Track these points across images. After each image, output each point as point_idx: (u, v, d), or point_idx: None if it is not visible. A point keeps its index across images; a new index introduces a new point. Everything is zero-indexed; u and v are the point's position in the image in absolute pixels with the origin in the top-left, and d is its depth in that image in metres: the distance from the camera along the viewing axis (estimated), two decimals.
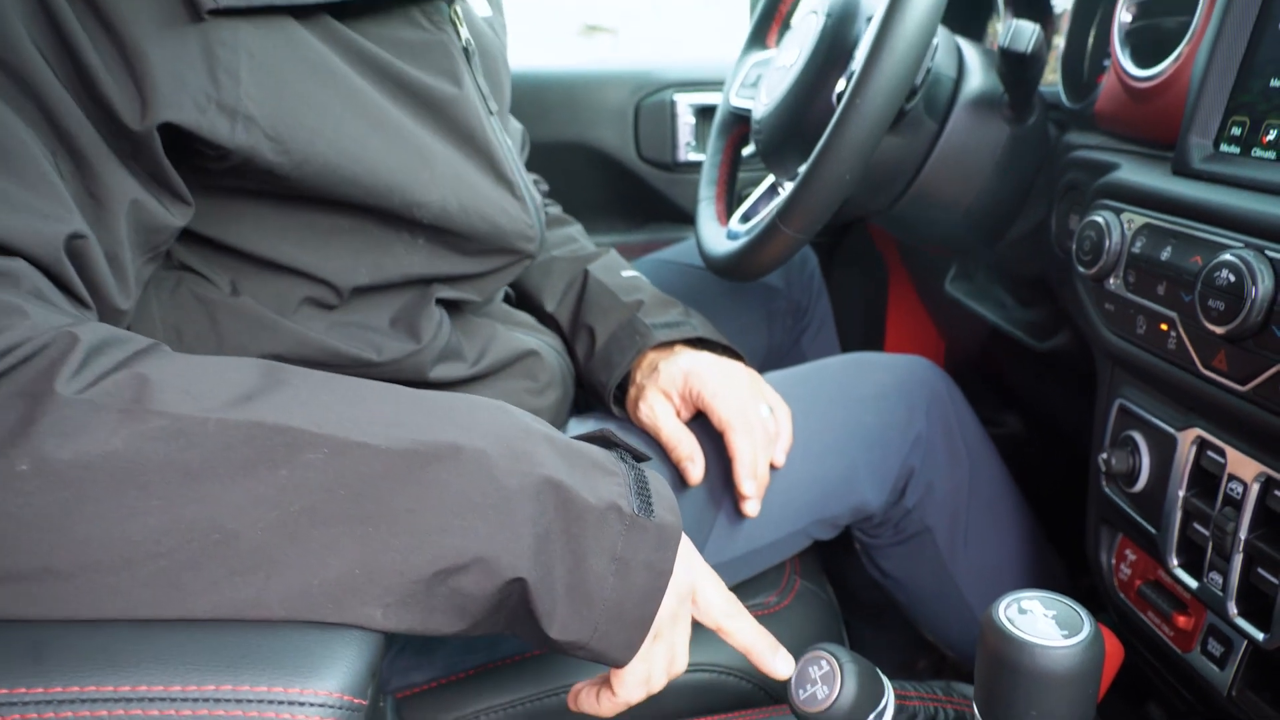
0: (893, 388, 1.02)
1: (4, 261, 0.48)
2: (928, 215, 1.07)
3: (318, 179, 0.65)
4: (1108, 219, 0.79)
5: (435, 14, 0.74)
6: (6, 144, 0.50)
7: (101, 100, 0.54)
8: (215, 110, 0.58)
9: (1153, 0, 0.86)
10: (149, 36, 0.55)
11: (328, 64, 0.65)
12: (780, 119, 1.06)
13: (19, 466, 0.43)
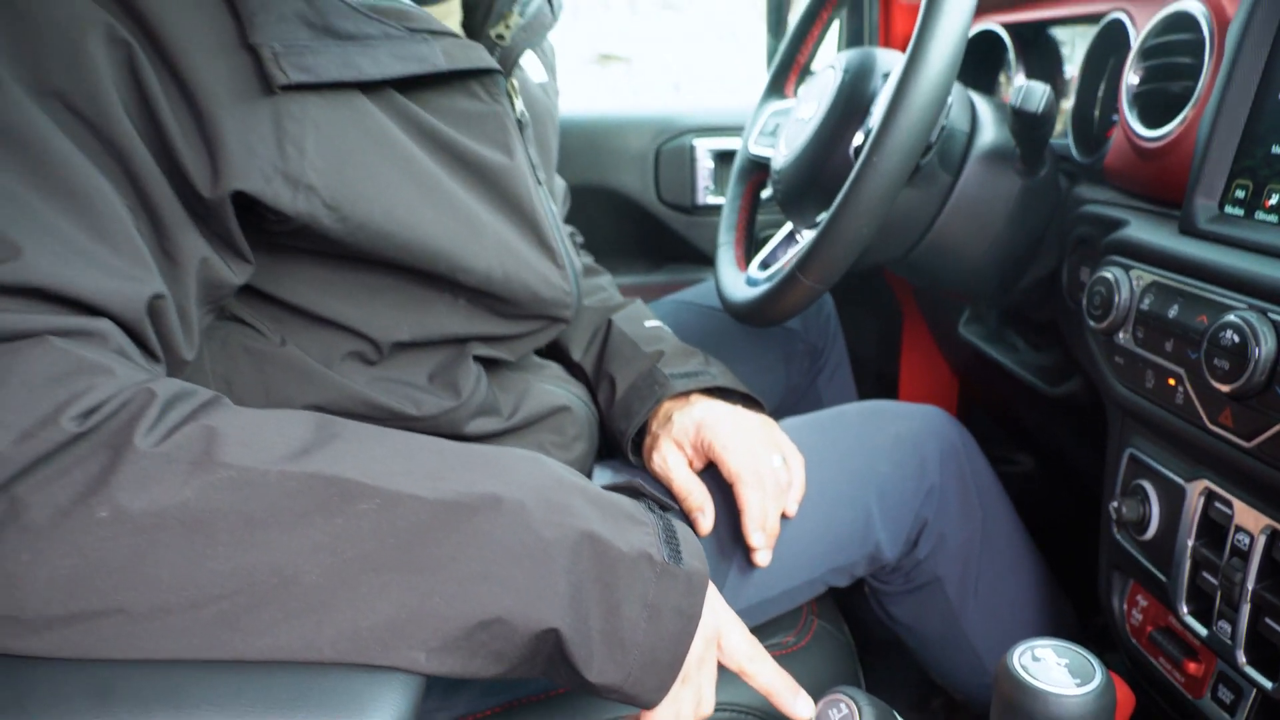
0: (908, 438, 1.02)
1: (93, 322, 0.52)
2: (942, 264, 1.10)
3: (370, 243, 0.69)
4: (1117, 275, 0.82)
5: (493, 86, 0.77)
6: (97, 205, 0.54)
7: (178, 166, 0.58)
8: (280, 180, 0.62)
9: (1159, 65, 0.89)
10: (224, 107, 0.59)
11: (388, 136, 0.69)
12: (799, 170, 1.09)
13: (99, 514, 0.47)
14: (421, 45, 0.69)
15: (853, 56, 1.09)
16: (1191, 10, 0.84)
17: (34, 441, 0.46)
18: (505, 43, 0.81)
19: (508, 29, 0.81)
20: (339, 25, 0.64)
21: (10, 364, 0.48)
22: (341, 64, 0.64)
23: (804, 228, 1.16)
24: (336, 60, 0.63)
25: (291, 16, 0.61)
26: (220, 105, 0.58)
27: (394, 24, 0.67)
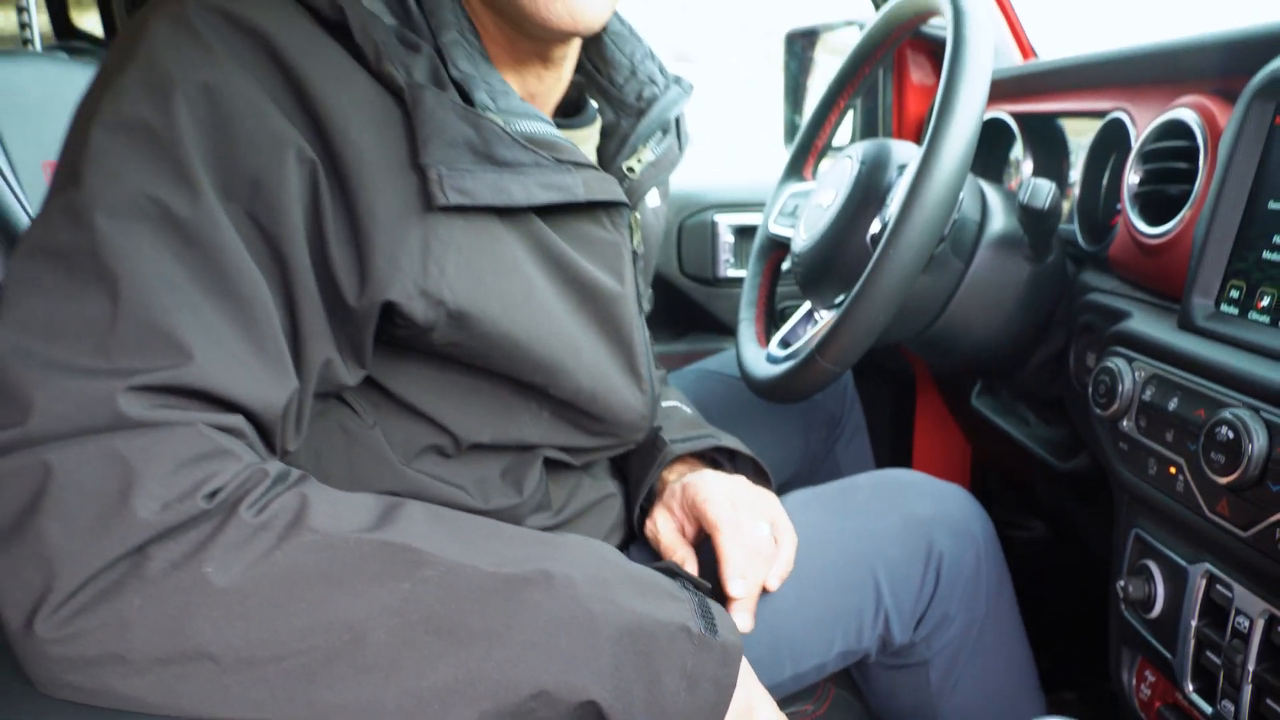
0: (922, 520, 1.01)
1: (231, 418, 0.59)
2: (955, 344, 1.16)
3: (479, 350, 0.74)
4: (1120, 366, 0.87)
5: (618, 217, 0.82)
6: (257, 312, 0.60)
7: (331, 275, 0.64)
8: (418, 294, 0.67)
9: (1157, 168, 0.95)
10: (381, 225, 0.65)
11: (516, 260, 0.74)
12: (818, 255, 1.15)
13: (204, 570, 0.53)
14: (566, 175, 0.74)
15: (869, 148, 1.15)
16: (1185, 119, 0.90)
17: (171, 512, 0.53)
18: (635, 176, 0.85)
19: (639, 163, 0.86)
20: (499, 153, 0.69)
21: (165, 442, 0.54)
22: (494, 189, 0.69)
23: (822, 308, 1.22)
24: (490, 186, 0.69)
25: (460, 142, 0.67)
26: (377, 222, 0.64)
27: (545, 154, 0.72)
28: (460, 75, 0.69)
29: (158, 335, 0.55)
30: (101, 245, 0.55)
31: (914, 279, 0.94)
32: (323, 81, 0.63)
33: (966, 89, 0.92)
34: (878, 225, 1.10)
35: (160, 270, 0.56)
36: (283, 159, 0.61)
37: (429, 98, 0.66)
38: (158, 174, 0.58)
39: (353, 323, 0.67)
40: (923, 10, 1.13)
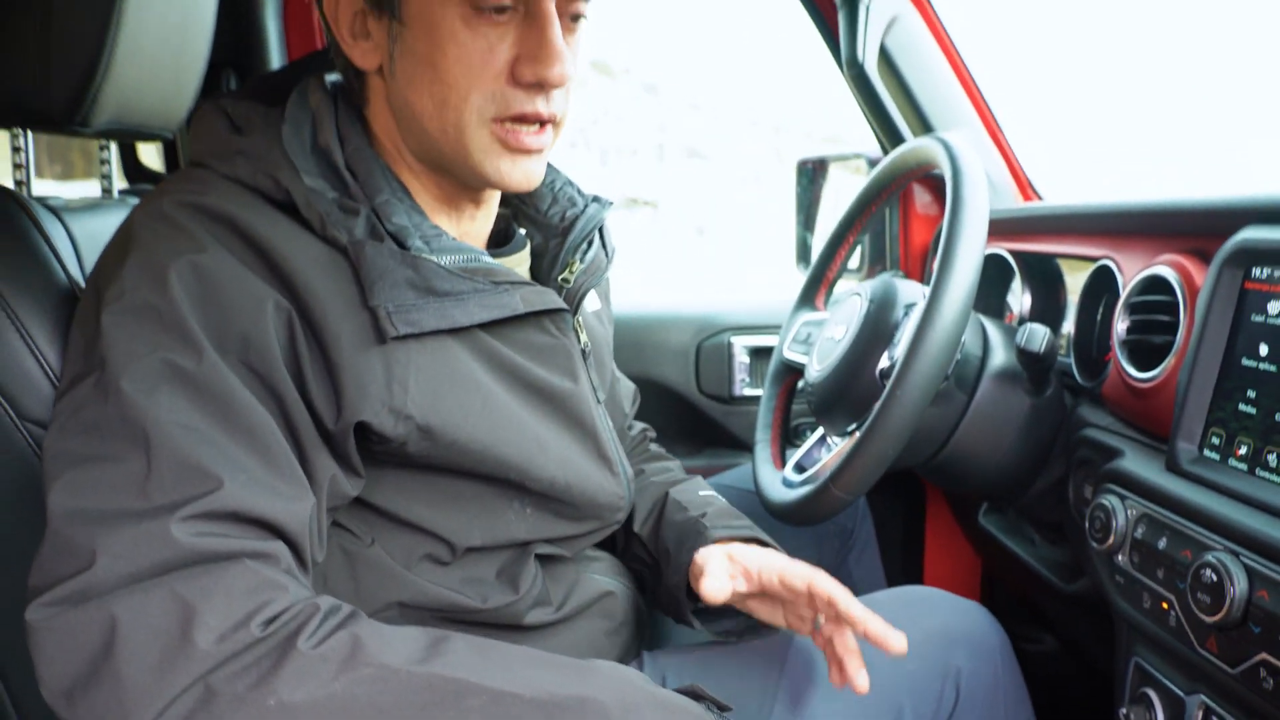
0: (941, 634, 1.04)
1: (272, 544, 0.68)
2: (960, 471, 1.22)
3: (452, 457, 0.83)
4: (1114, 503, 0.94)
5: (561, 323, 0.92)
6: (268, 441, 0.71)
7: (311, 404, 0.75)
8: (387, 412, 0.77)
9: (1142, 319, 1.03)
10: (347, 356, 0.75)
11: (472, 371, 0.84)
12: (831, 386, 1.23)
13: (268, 702, 0.60)
14: (504, 295, 0.84)
15: (877, 287, 1.24)
16: (1166, 276, 0.99)
17: (229, 642, 0.61)
18: (570, 285, 0.96)
19: (571, 274, 0.97)
20: (438, 285, 0.80)
21: (218, 580, 0.63)
22: (439, 316, 0.79)
23: (835, 435, 1.29)
24: (435, 314, 0.79)
25: (402, 283, 0.78)
26: (344, 355, 0.75)
27: (482, 279, 0.83)
28: (395, 228, 0.81)
29: (189, 470, 0.66)
30: (129, 410, 0.67)
31: (921, 415, 1.02)
32: (283, 246, 0.75)
33: (965, 247, 1.01)
34: (886, 361, 1.18)
35: (181, 418, 0.67)
36: (263, 313, 0.73)
37: (369, 249, 0.77)
38: (166, 342, 0.70)
39: (338, 442, 0.77)
40: (925, 163, 1.24)
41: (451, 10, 0.77)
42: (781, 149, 25.68)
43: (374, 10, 0.80)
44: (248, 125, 0.81)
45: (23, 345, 0.85)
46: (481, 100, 0.80)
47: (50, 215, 0.99)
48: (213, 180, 0.78)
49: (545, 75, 0.79)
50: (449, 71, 0.79)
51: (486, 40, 0.78)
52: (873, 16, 1.49)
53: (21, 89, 0.96)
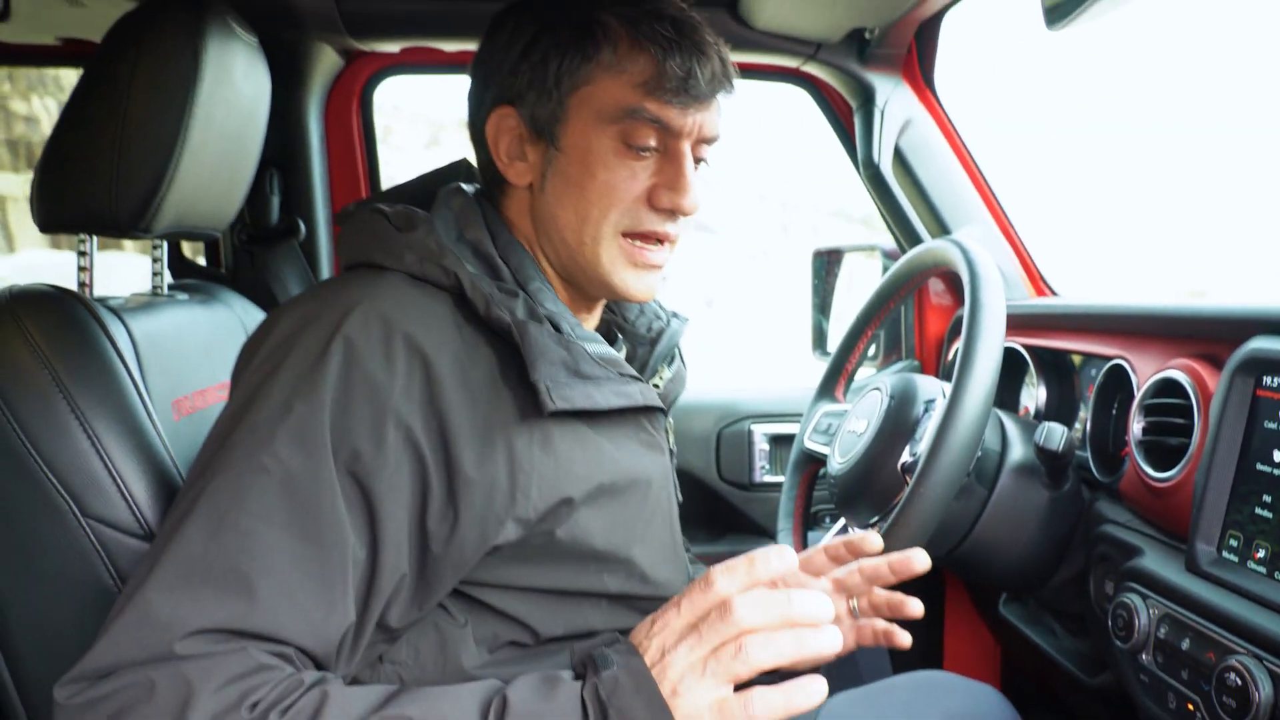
0: (959, 717, 1.09)
1: (279, 646, 0.70)
2: (981, 563, 1.25)
3: (554, 546, 0.86)
4: (1136, 603, 0.96)
5: (656, 423, 0.97)
6: (333, 558, 0.73)
7: (423, 524, 0.78)
8: (512, 522, 0.81)
9: (1157, 421, 1.06)
10: (473, 469, 0.79)
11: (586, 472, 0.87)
12: (853, 479, 1.26)
13: None
14: (628, 385, 0.90)
15: (896, 383, 1.28)
16: (1179, 380, 1.03)
17: None
18: (661, 389, 1.03)
19: (660, 381, 1.04)
20: (584, 369, 0.86)
21: (220, 665, 0.67)
22: (585, 397, 0.84)
23: (857, 525, 1.31)
24: (582, 394, 0.84)
25: (558, 362, 0.84)
26: (472, 467, 0.79)
27: (612, 369, 0.89)
28: (548, 312, 0.88)
29: (234, 577, 0.70)
30: (217, 498, 0.72)
31: (943, 512, 1.05)
32: (436, 351, 0.80)
33: (984, 349, 1.05)
34: (908, 456, 1.21)
35: (254, 521, 0.71)
36: (393, 432, 0.77)
37: (532, 329, 0.83)
38: (283, 438, 0.74)
39: (432, 567, 0.80)
40: (941, 264, 1.29)
41: (606, 144, 0.88)
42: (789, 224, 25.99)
43: (533, 136, 0.91)
44: (408, 223, 0.88)
45: (90, 446, 0.89)
46: (618, 216, 0.89)
47: (113, 316, 1.04)
48: (384, 282, 0.84)
49: (680, 203, 0.90)
50: (595, 192, 0.88)
51: (631, 170, 0.88)
52: (887, 120, 1.56)
53: (92, 199, 1.02)
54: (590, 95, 0.88)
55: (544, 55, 0.89)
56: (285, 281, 1.57)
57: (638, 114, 0.87)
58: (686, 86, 0.87)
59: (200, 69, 1.05)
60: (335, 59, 1.64)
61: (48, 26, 1.46)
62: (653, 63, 0.87)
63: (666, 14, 0.88)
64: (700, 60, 0.88)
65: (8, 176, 17.15)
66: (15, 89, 17.17)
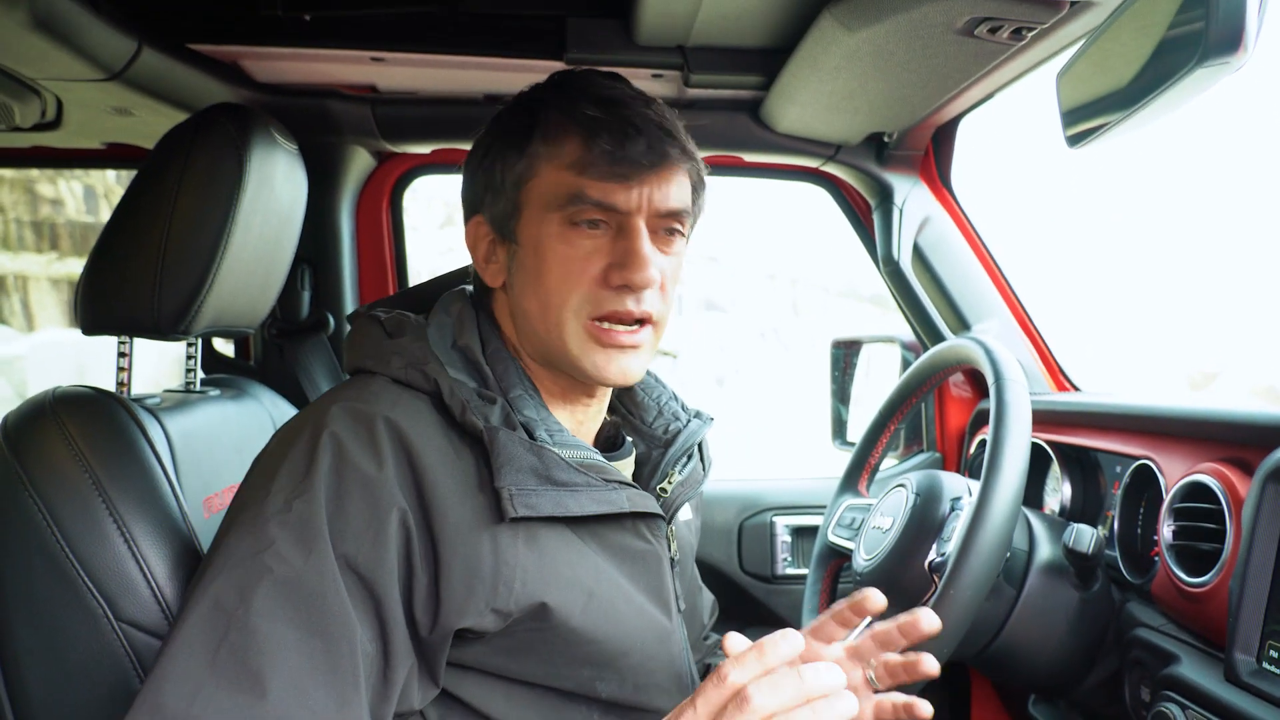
0: None
1: None
2: (1010, 664, 1.23)
3: (545, 647, 0.85)
4: (1175, 712, 0.94)
5: (655, 529, 0.96)
6: (343, 650, 0.74)
7: (412, 611, 0.79)
8: (490, 613, 0.81)
9: (1188, 525, 1.06)
10: (457, 550, 0.80)
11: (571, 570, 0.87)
12: (879, 577, 1.25)
13: None
14: (612, 492, 0.89)
15: (921, 480, 1.28)
16: (1208, 484, 1.03)
17: None
18: (667, 494, 1.01)
19: (669, 484, 1.02)
20: (557, 475, 0.86)
21: None
22: (554, 504, 0.85)
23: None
24: (551, 501, 0.84)
25: (526, 469, 0.84)
26: (456, 550, 0.80)
27: (594, 475, 0.88)
28: (525, 419, 0.89)
29: (246, 674, 0.71)
30: (223, 597, 0.74)
31: (975, 614, 1.04)
32: (420, 442, 0.82)
33: (1011, 450, 1.06)
34: (935, 555, 1.21)
35: (263, 619, 0.73)
36: (388, 522, 0.78)
37: (502, 436, 0.85)
38: (285, 537, 0.76)
39: (428, 650, 0.81)
40: (964, 360, 1.30)
41: (553, 230, 0.89)
42: (798, 301, 26.21)
43: (499, 238, 0.94)
44: (398, 330, 0.92)
45: (126, 549, 0.90)
46: (578, 301, 0.90)
47: (150, 417, 1.06)
48: (371, 384, 0.88)
49: (631, 279, 0.88)
50: (552, 278, 0.90)
51: (582, 250, 0.89)
52: (906, 218, 1.60)
53: (135, 304, 1.05)
54: (534, 186, 0.90)
55: (492, 158, 0.93)
56: (313, 374, 1.60)
57: (579, 198, 0.88)
58: (616, 160, 0.87)
59: (244, 177, 1.09)
60: (368, 160, 1.70)
61: (96, 133, 1.51)
62: (581, 142, 0.88)
63: (593, 93, 0.90)
64: (629, 133, 0.88)
65: (31, 257, 17.49)
66: (43, 173, 17.62)
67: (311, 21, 1.30)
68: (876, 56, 1.15)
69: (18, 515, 0.89)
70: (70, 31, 1.07)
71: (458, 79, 1.46)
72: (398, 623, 0.79)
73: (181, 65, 1.28)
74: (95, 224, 18.23)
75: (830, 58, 1.18)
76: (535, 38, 1.34)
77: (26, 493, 0.89)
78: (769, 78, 1.36)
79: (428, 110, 1.55)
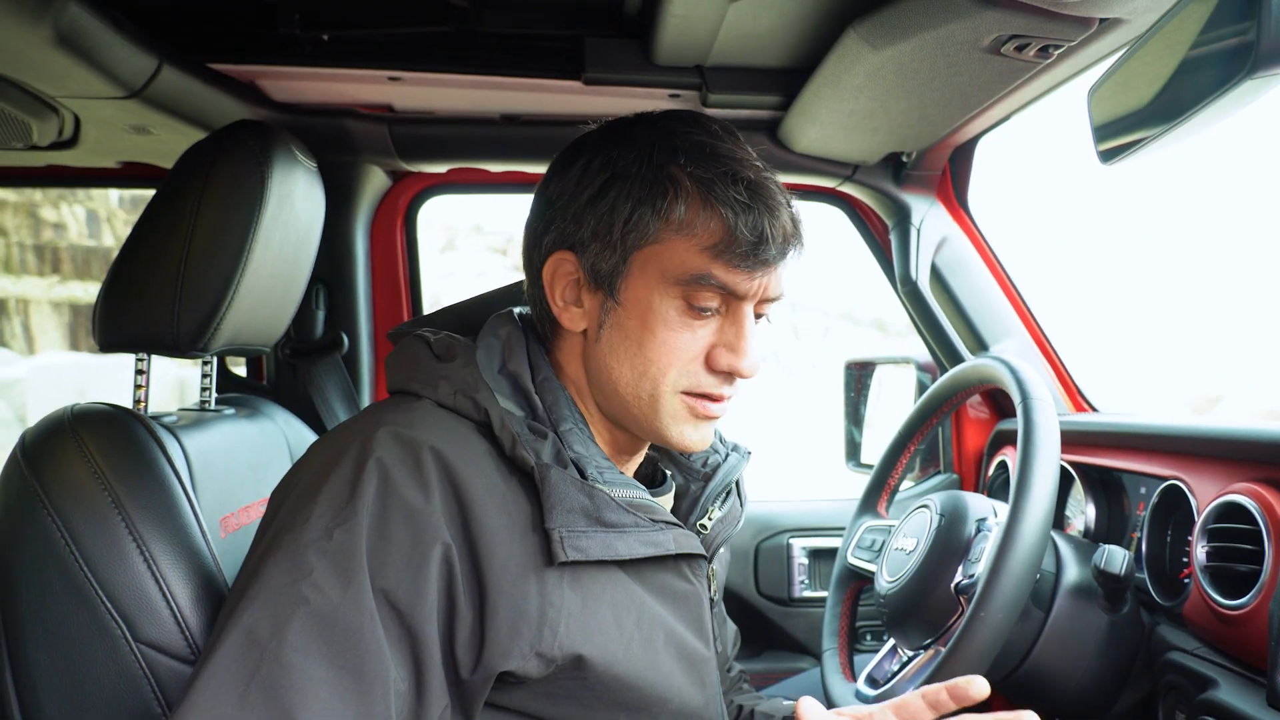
0: None
1: None
2: (1039, 689, 1.21)
3: (585, 693, 0.83)
4: None
5: (697, 569, 0.94)
6: (375, 690, 0.71)
7: (454, 651, 0.76)
8: (534, 657, 0.78)
9: (1222, 546, 1.04)
10: (504, 591, 0.77)
11: (615, 614, 0.84)
12: (904, 600, 1.23)
13: None
14: (659, 534, 0.87)
15: (945, 501, 1.26)
16: (1244, 504, 1.01)
17: None
18: (707, 532, 0.99)
19: (709, 520, 1.00)
20: (607, 516, 0.83)
21: None
22: (604, 547, 0.82)
23: (908, 648, 1.28)
24: (600, 544, 0.82)
25: (577, 509, 0.81)
26: (502, 590, 0.77)
27: (642, 516, 0.86)
28: (576, 456, 0.86)
29: (277, 711, 0.68)
30: (256, 630, 0.71)
31: (1005, 637, 1.02)
32: (469, 476, 0.79)
33: (1041, 469, 1.05)
34: (962, 577, 1.19)
35: (295, 654, 0.70)
36: (430, 556, 0.75)
37: (554, 475, 0.81)
38: (322, 567, 0.73)
39: (467, 691, 0.78)
40: (987, 380, 1.29)
41: (669, 305, 0.85)
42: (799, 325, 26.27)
43: (591, 285, 0.88)
44: (447, 353, 0.89)
45: (146, 569, 0.88)
46: (676, 375, 0.87)
47: (168, 434, 1.04)
48: (417, 408, 0.85)
49: (739, 366, 0.87)
50: (654, 350, 0.86)
51: (692, 331, 0.86)
52: (924, 238, 1.59)
53: (154, 321, 1.04)
54: (657, 254, 0.85)
55: (612, 206, 0.86)
56: (327, 394, 1.58)
57: (705, 279, 0.84)
58: (757, 252, 0.83)
59: (265, 193, 1.08)
60: (383, 179, 1.69)
61: (111, 152, 1.51)
62: (724, 227, 0.83)
63: (742, 176, 0.85)
64: (773, 224, 0.84)
65: (33, 280, 17.52)
66: (46, 197, 17.68)
67: (329, 41, 1.30)
68: (900, 74, 1.15)
69: (35, 533, 0.88)
70: (93, 49, 1.07)
71: (474, 98, 1.46)
72: (434, 663, 0.76)
73: (200, 84, 1.27)
74: (97, 248, 18.30)
75: (853, 76, 1.17)
76: (552, 57, 1.34)
77: (44, 510, 0.88)
78: (788, 97, 1.36)
79: (444, 130, 1.54)
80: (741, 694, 1.23)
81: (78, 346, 17.61)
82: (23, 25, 0.99)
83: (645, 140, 0.88)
